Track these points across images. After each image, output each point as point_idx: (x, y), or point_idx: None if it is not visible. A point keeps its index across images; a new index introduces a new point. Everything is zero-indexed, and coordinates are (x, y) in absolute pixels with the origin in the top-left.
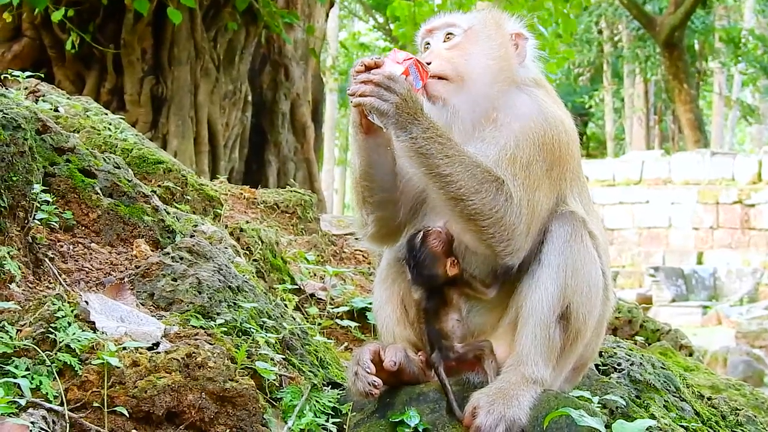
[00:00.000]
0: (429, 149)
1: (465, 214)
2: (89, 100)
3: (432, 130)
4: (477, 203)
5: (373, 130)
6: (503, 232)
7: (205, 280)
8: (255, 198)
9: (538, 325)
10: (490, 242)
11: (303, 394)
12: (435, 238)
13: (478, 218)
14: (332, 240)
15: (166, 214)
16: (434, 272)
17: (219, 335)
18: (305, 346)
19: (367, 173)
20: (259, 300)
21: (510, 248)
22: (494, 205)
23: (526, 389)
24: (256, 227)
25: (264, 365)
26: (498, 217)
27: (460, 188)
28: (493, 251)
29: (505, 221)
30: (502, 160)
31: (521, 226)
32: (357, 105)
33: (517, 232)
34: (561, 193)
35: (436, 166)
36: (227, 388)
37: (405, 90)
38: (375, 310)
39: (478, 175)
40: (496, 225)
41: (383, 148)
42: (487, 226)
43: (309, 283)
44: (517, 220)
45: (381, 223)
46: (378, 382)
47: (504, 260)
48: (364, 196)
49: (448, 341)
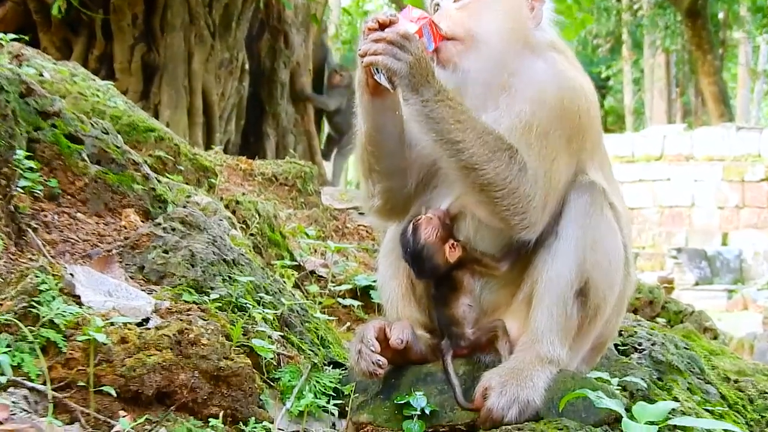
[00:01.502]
0: (440, 114)
1: (477, 184)
2: (76, 66)
3: (443, 93)
4: (489, 172)
5: (379, 91)
6: (518, 204)
7: (199, 252)
8: (252, 169)
9: (555, 301)
10: (504, 215)
11: (302, 374)
12: (426, 227)
13: (490, 189)
14: (334, 214)
15: (158, 183)
16: (434, 263)
17: (213, 311)
18: (305, 324)
19: (373, 138)
20: (255, 274)
21: (526, 221)
22: (507, 175)
23: (541, 369)
24: (253, 200)
25: (261, 343)
26: (512, 188)
27: (472, 156)
28: (508, 225)
29: (519, 192)
30: (515, 128)
31: (537, 198)
32: (368, 64)
33: (532, 204)
34: (580, 164)
35: (447, 132)
36: (221, 366)
37: (419, 50)
38: (379, 286)
39: (490, 143)
40: (510, 196)
41: (390, 111)
42: (500, 197)
43: (309, 259)
44: (532, 192)
45: (388, 195)
46: (383, 361)
47: (519, 234)
48: (370, 164)
49: (459, 328)
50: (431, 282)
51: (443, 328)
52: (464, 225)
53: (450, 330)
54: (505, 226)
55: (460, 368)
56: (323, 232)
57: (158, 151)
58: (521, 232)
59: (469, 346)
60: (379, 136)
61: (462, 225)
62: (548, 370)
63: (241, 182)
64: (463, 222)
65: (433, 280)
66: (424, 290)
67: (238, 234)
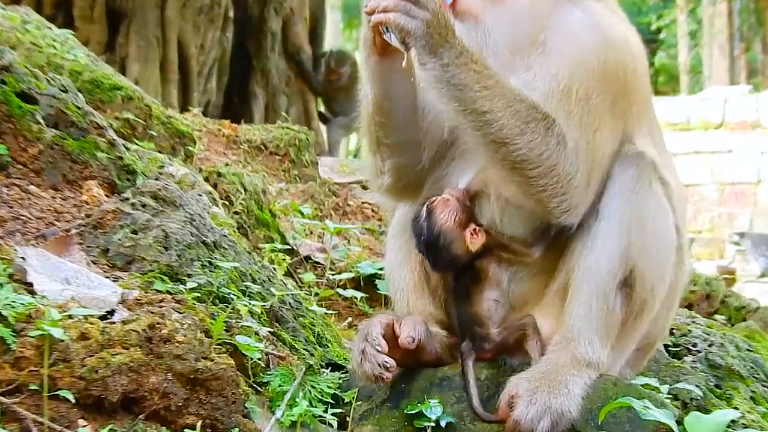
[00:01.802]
0: (463, 79)
1: (508, 161)
2: (29, 12)
3: (466, 55)
4: (522, 148)
5: (389, 51)
6: (556, 183)
7: (174, 233)
8: (237, 136)
9: (594, 293)
10: (540, 197)
11: (295, 378)
12: (442, 211)
13: (524, 167)
14: (333, 189)
15: (125, 151)
16: (453, 252)
17: (190, 302)
18: (299, 319)
19: (382, 107)
20: (241, 260)
21: (566, 204)
22: (543, 149)
23: (578, 374)
24: (237, 172)
25: (246, 341)
26: (549, 165)
27: (501, 129)
28: (545, 208)
29: (558, 170)
30: (552, 94)
31: (579, 175)
32: (377, 23)
33: (573, 183)
34: (626, 132)
35: (471, 101)
36: (200, 368)
37: (436, 5)
38: (387, 274)
39: (522, 113)
40: (548, 175)
41: (401, 74)
42: (536, 176)
43: (304, 242)
44: (572, 169)
45: (400, 172)
46: (391, 363)
47: (559, 219)
48: (379, 137)
49: (482, 328)
50: (450, 274)
51: (464, 327)
52: (487, 206)
53: (472, 330)
54: (542, 210)
55: (482, 372)
56: (320, 210)
57: (126, 113)
58: (561, 216)
59: (494, 349)
60: (388, 103)
61: (484, 206)
62: (586, 374)
63: (224, 151)
64: (486, 202)
65: (452, 272)
66: (441, 280)
67: (220, 212)
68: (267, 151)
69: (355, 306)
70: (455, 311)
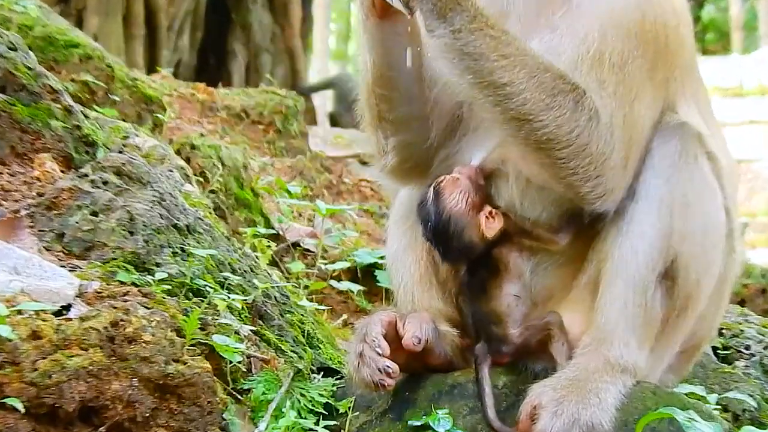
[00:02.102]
0: (478, 47)
1: (532, 140)
2: None
3: (481, 19)
4: (549, 125)
5: (390, 13)
6: (589, 165)
7: (140, 215)
8: (213, 101)
9: (630, 286)
10: (570, 181)
11: (282, 384)
12: (452, 192)
13: (551, 146)
14: (326, 165)
15: (84, 119)
16: (466, 240)
17: (159, 295)
18: (286, 315)
19: (383, 77)
20: (218, 246)
21: (600, 188)
22: (573, 126)
23: (611, 380)
24: (214, 143)
25: (225, 341)
26: (580, 144)
27: (524, 103)
28: (577, 193)
29: (590, 149)
30: (581, 60)
31: (614, 155)
32: None
33: (609, 164)
34: (668, 99)
35: (488, 72)
36: (170, 373)
37: None
38: (389, 263)
39: (547, 84)
40: (579, 156)
41: (404, 39)
42: (565, 157)
43: (292, 226)
44: (607, 148)
45: (405, 151)
46: (393, 367)
47: (593, 206)
48: (381, 111)
49: (500, 327)
50: (462, 265)
51: (479, 327)
52: (505, 186)
53: (488, 330)
54: (573, 195)
55: (499, 378)
56: (311, 188)
57: (84, 75)
58: (595, 202)
59: (514, 352)
60: (390, 73)
61: (502, 186)
62: (621, 381)
63: (198, 119)
64: (504, 182)
65: (465, 263)
66: (452, 272)
67: (193, 190)
68: (248, 120)
69: (351, 301)
70: (469, 308)
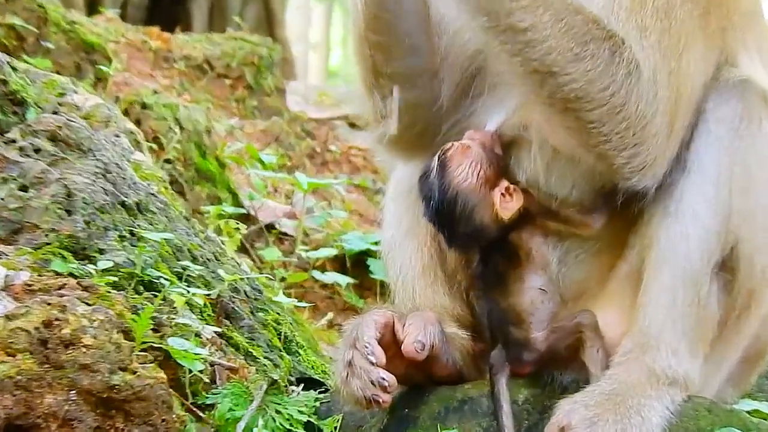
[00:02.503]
0: None
1: (558, 99)
2: None
3: None
4: (578, 79)
5: None
6: (626, 131)
7: (80, 190)
8: (169, 50)
9: (680, 280)
10: (603, 150)
11: (253, 399)
12: (461, 162)
13: (580, 107)
14: (308, 128)
15: (11, 72)
16: (477, 223)
17: (103, 289)
18: (258, 314)
19: (378, 20)
20: (175, 228)
21: (639, 160)
22: (608, 82)
23: (656, 395)
24: (170, 102)
25: (183, 345)
26: (615, 105)
27: (548, 53)
28: (610, 165)
29: (628, 112)
30: (620, 3)
31: (658, 118)
32: None
33: (650, 130)
34: (726, 51)
35: (505, 14)
36: (116, 384)
37: None
38: (385, 251)
39: (577, 29)
40: (613, 119)
41: None
42: (596, 120)
43: (265, 204)
44: (648, 110)
45: (409, 115)
46: (389, 380)
47: (630, 180)
48: (376, 64)
49: (522, 330)
50: (475, 252)
51: (495, 329)
52: (527, 156)
53: (507, 333)
54: (606, 168)
55: (520, 392)
56: (289, 158)
57: (10, 17)
58: (632, 176)
59: (538, 360)
60: (386, 15)
61: (524, 157)
62: (668, 396)
63: (151, 72)
64: (525, 152)
65: (477, 250)
66: (462, 260)
67: (145, 159)
68: (212, 73)
69: (338, 296)
70: (483, 306)
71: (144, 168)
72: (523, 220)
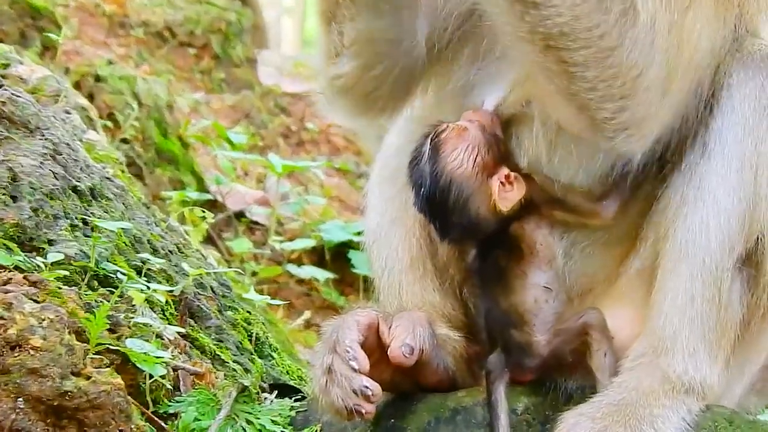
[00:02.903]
0: None
1: (540, 33)
2: None
3: None
4: (564, 13)
5: None
6: (613, 80)
7: (26, 173)
8: (126, 15)
9: (699, 276)
10: (584, 100)
11: (221, 407)
12: (455, 147)
13: (563, 45)
14: (282, 104)
15: None
16: (471, 215)
17: (53, 285)
18: (226, 313)
19: None
20: (133, 217)
21: (625, 116)
22: (599, 20)
23: (671, 405)
24: (127, 74)
25: (143, 347)
26: (604, 48)
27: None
28: (591, 119)
29: (618, 57)
30: None
31: (652, 72)
32: None
33: (641, 82)
34: (744, 19)
35: None
36: (69, 391)
37: None
38: (369, 242)
39: None
40: (601, 63)
41: None
42: (581, 63)
43: (234, 190)
44: (642, 59)
45: (370, 50)
46: (373, 388)
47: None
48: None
49: (523, 332)
50: (470, 245)
51: (493, 331)
52: (528, 135)
53: (507, 335)
54: (586, 122)
55: (519, 401)
56: (261, 137)
57: None
58: (615, 135)
59: (541, 366)
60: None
61: (524, 135)
62: (685, 405)
63: (105, 39)
64: (527, 129)
65: (474, 243)
66: (455, 253)
67: (99, 139)
68: (174, 41)
69: (317, 293)
70: (481, 305)
71: (98, 149)
72: (526, 211)
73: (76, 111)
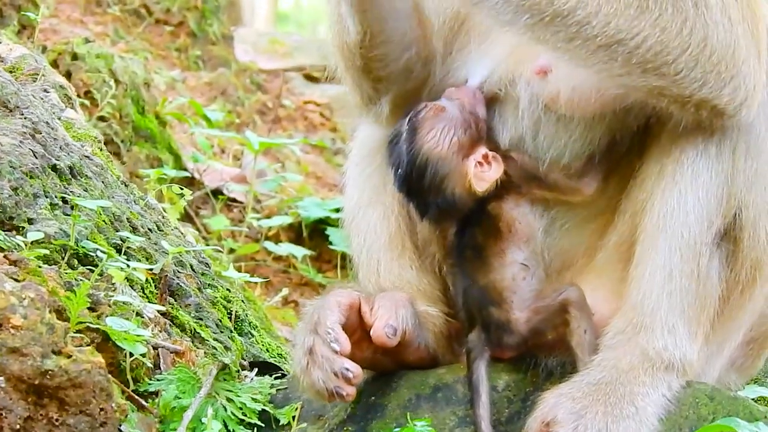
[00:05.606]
0: None
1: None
2: None
3: None
4: (651, 33)
5: None
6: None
7: (6, 152)
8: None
9: (677, 251)
10: (702, 96)
11: (201, 385)
12: (432, 127)
13: (661, 62)
14: (259, 81)
15: None
16: (447, 195)
17: (33, 263)
18: (205, 290)
19: (376, 36)
20: (112, 195)
21: (742, 91)
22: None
23: (651, 382)
24: (104, 52)
25: (123, 325)
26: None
27: (608, 22)
28: (713, 108)
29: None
30: None
31: (741, 42)
32: None
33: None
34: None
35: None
36: (49, 369)
37: None
38: (347, 219)
39: None
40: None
41: None
42: (684, 67)
43: (211, 167)
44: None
45: (403, 96)
46: (354, 370)
47: (736, 116)
48: (372, 71)
49: (502, 310)
50: (450, 223)
51: (472, 309)
52: (513, 115)
53: (486, 313)
54: (707, 113)
55: (499, 378)
56: (238, 114)
57: None
58: (738, 112)
59: (521, 344)
60: (383, 26)
61: (509, 114)
62: (665, 382)
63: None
64: (511, 108)
65: (453, 221)
66: (435, 231)
67: (77, 117)
68: (151, 19)
69: (294, 270)
70: (459, 282)
71: (76, 127)
72: (505, 189)
73: (54, 89)
